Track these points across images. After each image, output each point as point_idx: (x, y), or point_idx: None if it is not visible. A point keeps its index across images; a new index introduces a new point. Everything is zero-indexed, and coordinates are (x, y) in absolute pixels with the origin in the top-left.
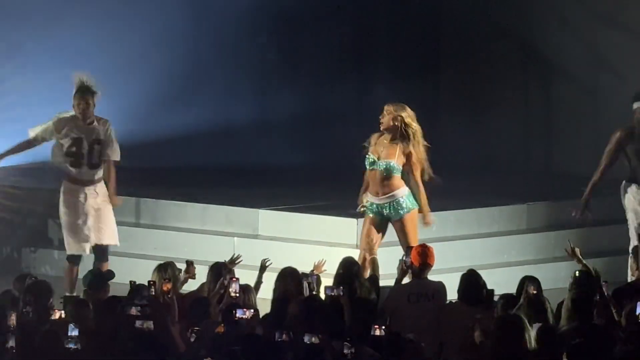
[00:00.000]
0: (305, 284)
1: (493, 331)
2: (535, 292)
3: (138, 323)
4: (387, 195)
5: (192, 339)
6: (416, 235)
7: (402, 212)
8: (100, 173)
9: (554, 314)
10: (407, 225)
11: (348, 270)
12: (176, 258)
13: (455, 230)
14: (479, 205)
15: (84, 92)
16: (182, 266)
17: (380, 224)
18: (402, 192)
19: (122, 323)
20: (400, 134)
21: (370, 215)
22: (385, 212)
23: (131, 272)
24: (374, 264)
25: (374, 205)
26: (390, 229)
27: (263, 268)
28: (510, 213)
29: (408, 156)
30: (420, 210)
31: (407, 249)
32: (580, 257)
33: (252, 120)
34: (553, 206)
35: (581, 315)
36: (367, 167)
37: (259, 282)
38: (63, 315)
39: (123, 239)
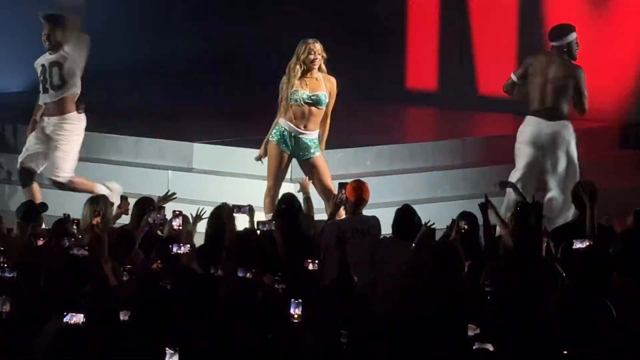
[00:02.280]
0: (238, 217)
1: (429, 261)
2: (466, 227)
3: (73, 251)
4: (312, 131)
5: (125, 276)
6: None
7: (318, 150)
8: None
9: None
10: (324, 164)
11: (290, 204)
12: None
13: (390, 165)
14: (414, 140)
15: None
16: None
17: (289, 160)
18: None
19: (55, 255)
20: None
21: (284, 149)
22: (304, 148)
23: (64, 205)
24: (309, 201)
25: (294, 139)
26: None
27: (198, 217)
28: (446, 148)
29: (331, 93)
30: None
31: (341, 184)
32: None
33: (184, 56)
34: (488, 141)
35: (526, 250)
36: (296, 101)
37: (192, 229)
38: None
39: None
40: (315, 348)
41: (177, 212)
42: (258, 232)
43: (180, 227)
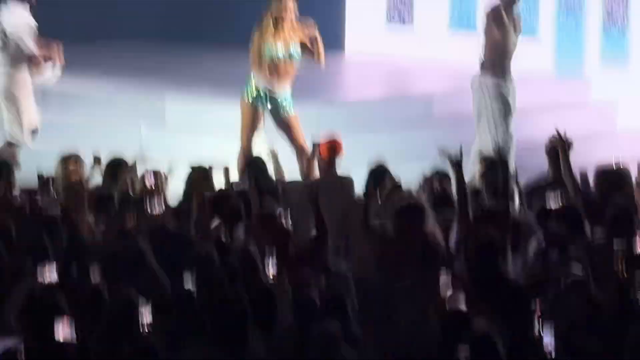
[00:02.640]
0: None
1: (394, 219)
2: (440, 187)
3: (46, 210)
4: (286, 88)
5: (99, 234)
6: None
7: (292, 109)
8: None
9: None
10: (298, 122)
11: (260, 167)
12: (83, 148)
13: (365, 123)
14: (388, 97)
15: None
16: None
17: (263, 118)
18: None
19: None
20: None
21: (259, 107)
22: (278, 105)
23: (38, 163)
24: (276, 156)
25: (268, 97)
26: None
27: (170, 173)
28: (418, 106)
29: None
30: None
31: (315, 143)
32: None
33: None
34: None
35: (496, 206)
36: (270, 57)
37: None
38: None
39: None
40: (289, 306)
41: (149, 171)
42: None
43: (153, 187)
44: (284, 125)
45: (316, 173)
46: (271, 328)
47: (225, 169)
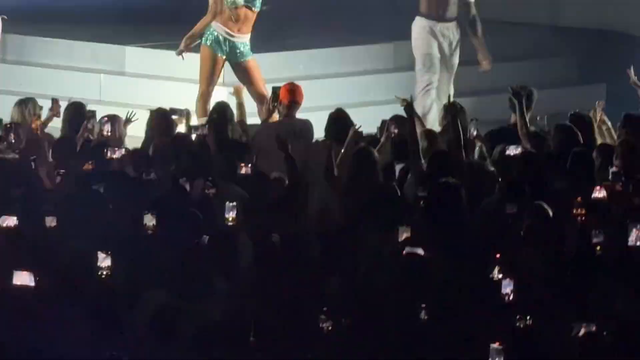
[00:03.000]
0: (173, 122)
1: (348, 165)
2: (396, 131)
3: (4, 154)
4: (245, 34)
5: (58, 180)
6: None
7: (251, 54)
8: None
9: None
10: (257, 68)
11: (222, 114)
12: (42, 94)
13: (324, 69)
14: (346, 43)
15: None
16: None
17: (222, 64)
18: None
19: None
20: None
21: (218, 53)
22: (237, 51)
23: None
24: (242, 107)
25: (227, 43)
26: None
27: (128, 121)
28: (377, 52)
29: None
30: None
31: (274, 88)
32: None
33: None
34: None
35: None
36: (231, 4)
37: (123, 133)
38: None
39: None
40: (249, 251)
41: (106, 118)
42: (192, 136)
43: (109, 133)
44: (243, 71)
45: (275, 118)
46: (231, 272)
47: (187, 111)
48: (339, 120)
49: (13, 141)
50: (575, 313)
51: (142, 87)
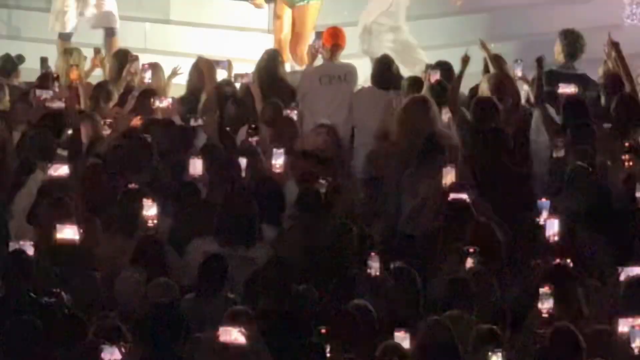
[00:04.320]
0: (217, 71)
1: (400, 113)
2: (437, 79)
3: (49, 103)
4: None
5: (105, 130)
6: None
7: None
8: None
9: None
10: (314, 12)
11: (271, 59)
12: (86, 43)
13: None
14: None
15: None
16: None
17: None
18: None
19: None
20: None
21: None
22: None
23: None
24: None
25: None
26: None
27: (174, 73)
28: None
29: None
30: None
31: (317, 33)
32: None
33: None
34: None
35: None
36: None
37: (167, 84)
38: None
39: (35, 24)
40: (295, 198)
41: (147, 65)
42: (236, 84)
43: (150, 81)
44: (302, 14)
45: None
46: (278, 219)
47: (229, 62)
48: (383, 67)
49: (57, 90)
50: (617, 259)
51: (186, 35)
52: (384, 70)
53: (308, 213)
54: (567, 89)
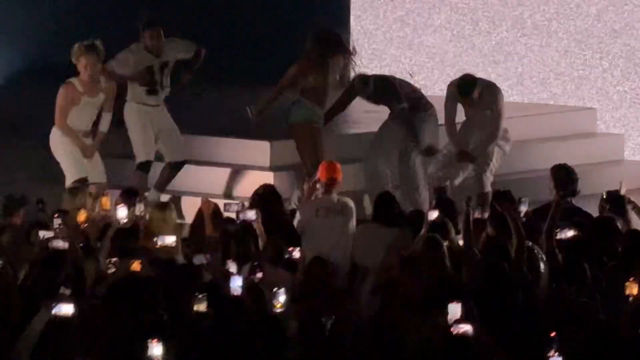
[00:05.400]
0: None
1: (408, 254)
2: (438, 217)
3: (53, 243)
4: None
5: (110, 270)
6: None
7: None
8: None
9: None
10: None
11: (268, 197)
12: (97, 184)
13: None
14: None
15: None
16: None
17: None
18: None
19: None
20: None
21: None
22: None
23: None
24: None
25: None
26: None
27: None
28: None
29: None
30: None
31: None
32: None
33: None
34: None
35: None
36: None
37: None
38: None
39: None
40: (296, 336)
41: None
42: (237, 221)
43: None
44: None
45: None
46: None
47: (242, 204)
48: (387, 203)
49: (58, 228)
50: None
51: (190, 172)
52: (387, 206)
53: (312, 346)
54: (566, 233)
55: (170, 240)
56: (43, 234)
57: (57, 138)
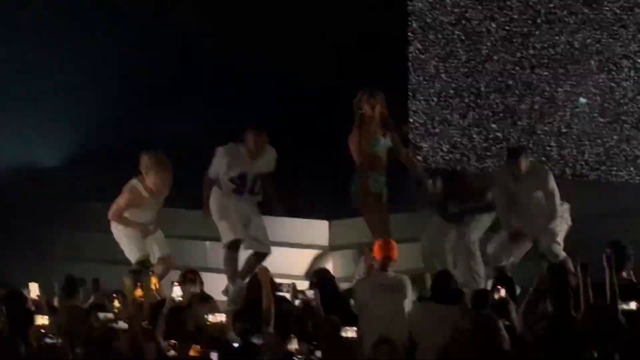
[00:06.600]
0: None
1: (467, 333)
2: (502, 295)
3: (111, 324)
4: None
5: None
6: None
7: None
8: None
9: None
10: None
11: (325, 276)
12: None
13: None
14: None
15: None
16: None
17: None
18: None
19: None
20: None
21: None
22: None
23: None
24: None
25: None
26: None
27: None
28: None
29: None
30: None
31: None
32: None
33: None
34: None
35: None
36: (376, 148)
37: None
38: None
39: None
40: None
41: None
42: (296, 301)
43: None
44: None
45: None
46: None
47: (293, 285)
48: (443, 281)
49: (116, 309)
50: None
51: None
52: (444, 285)
53: None
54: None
55: (220, 317)
56: (103, 315)
57: (115, 225)
